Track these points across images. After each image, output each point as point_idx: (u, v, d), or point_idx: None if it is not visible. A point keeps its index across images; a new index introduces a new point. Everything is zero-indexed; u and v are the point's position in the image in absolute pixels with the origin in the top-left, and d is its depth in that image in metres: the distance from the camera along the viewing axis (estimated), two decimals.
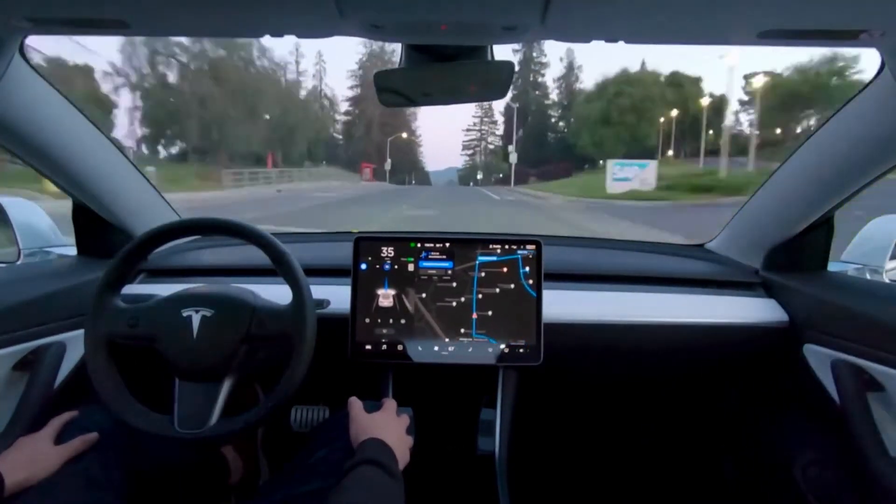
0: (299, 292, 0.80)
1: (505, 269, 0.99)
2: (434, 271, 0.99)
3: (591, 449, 1.39)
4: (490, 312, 0.98)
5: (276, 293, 0.86)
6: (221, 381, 0.79)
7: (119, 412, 0.77)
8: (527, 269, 0.99)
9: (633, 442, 1.38)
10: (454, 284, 0.99)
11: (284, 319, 0.80)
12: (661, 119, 34.89)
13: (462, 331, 0.97)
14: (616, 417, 1.37)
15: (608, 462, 1.38)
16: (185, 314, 0.79)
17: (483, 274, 0.99)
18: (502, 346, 0.97)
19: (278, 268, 0.82)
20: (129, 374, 0.81)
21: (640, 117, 34.53)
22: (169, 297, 0.82)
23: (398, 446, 0.73)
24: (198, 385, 0.79)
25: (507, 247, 0.99)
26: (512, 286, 0.98)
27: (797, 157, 0.98)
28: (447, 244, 1.00)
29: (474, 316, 0.98)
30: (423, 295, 0.98)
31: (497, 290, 0.98)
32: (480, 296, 0.98)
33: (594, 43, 0.64)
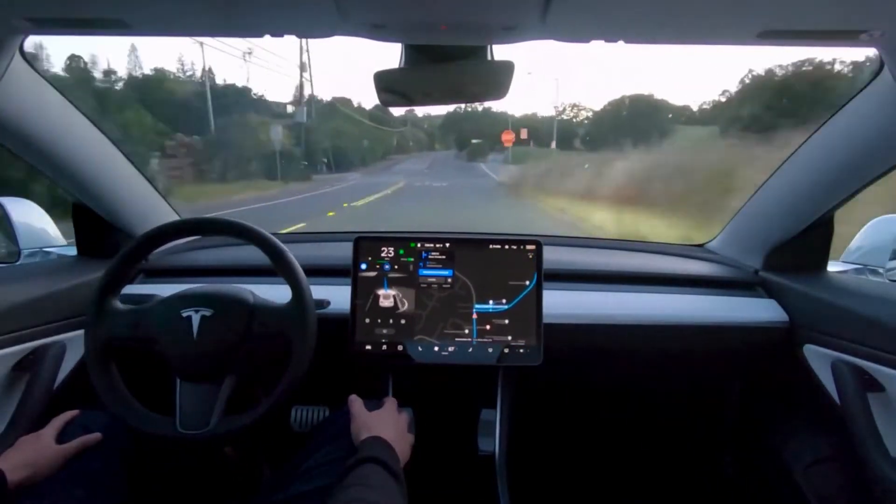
0: (299, 292, 0.80)
1: (505, 270, 0.99)
2: (434, 272, 0.99)
3: (592, 449, 1.39)
4: (490, 313, 0.98)
5: (276, 293, 0.86)
6: (222, 381, 0.79)
7: (121, 415, 0.77)
8: (527, 269, 0.99)
9: (634, 442, 1.38)
10: (454, 284, 0.99)
11: (284, 319, 0.80)
12: None
13: (462, 331, 0.97)
14: (616, 417, 1.37)
15: (608, 462, 1.38)
16: (184, 314, 0.79)
17: (482, 273, 0.99)
18: (502, 346, 0.97)
19: (278, 268, 0.82)
20: (130, 375, 0.81)
21: None
22: (168, 298, 0.82)
23: (399, 444, 0.73)
24: (199, 385, 0.79)
25: (506, 247, 0.99)
26: (512, 286, 0.98)
27: (797, 157, 0.98)
28: (447, 244, 1.00)
29: (474, 316, 0.97)
30: (424, 295, 0.98)
31: (497, 290, 0.98)
32: (480, 295, 0.98)
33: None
